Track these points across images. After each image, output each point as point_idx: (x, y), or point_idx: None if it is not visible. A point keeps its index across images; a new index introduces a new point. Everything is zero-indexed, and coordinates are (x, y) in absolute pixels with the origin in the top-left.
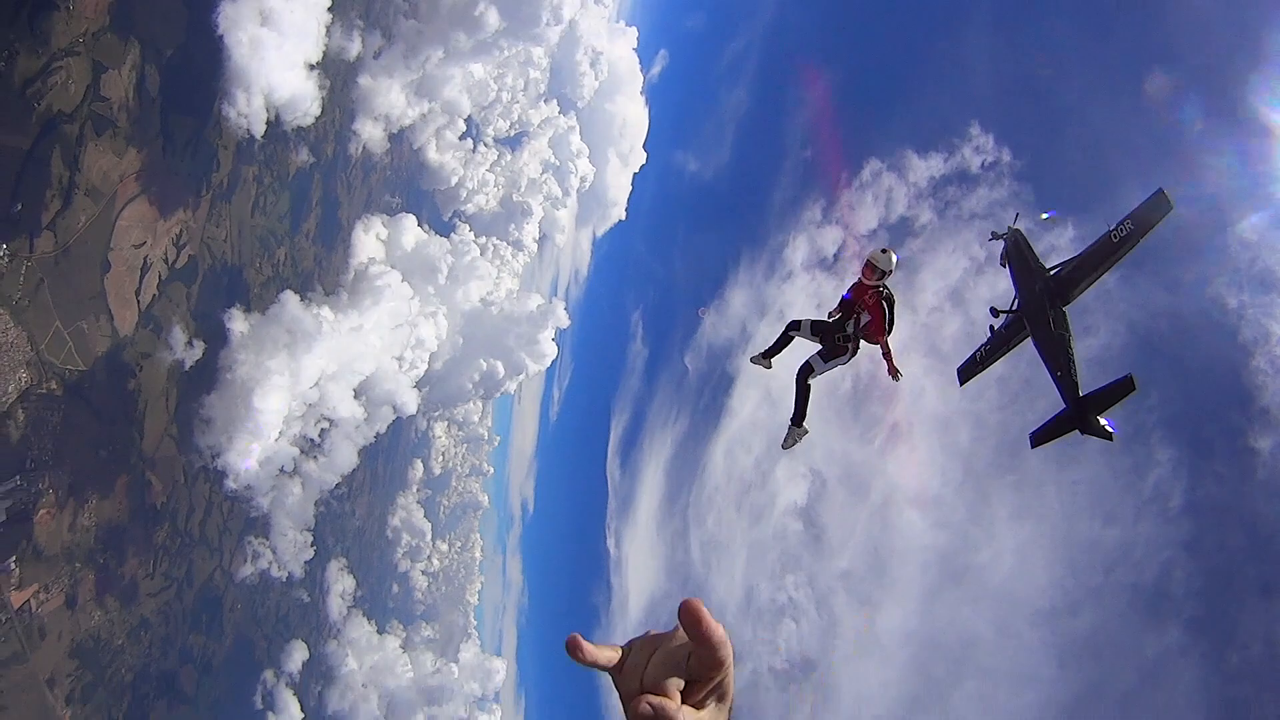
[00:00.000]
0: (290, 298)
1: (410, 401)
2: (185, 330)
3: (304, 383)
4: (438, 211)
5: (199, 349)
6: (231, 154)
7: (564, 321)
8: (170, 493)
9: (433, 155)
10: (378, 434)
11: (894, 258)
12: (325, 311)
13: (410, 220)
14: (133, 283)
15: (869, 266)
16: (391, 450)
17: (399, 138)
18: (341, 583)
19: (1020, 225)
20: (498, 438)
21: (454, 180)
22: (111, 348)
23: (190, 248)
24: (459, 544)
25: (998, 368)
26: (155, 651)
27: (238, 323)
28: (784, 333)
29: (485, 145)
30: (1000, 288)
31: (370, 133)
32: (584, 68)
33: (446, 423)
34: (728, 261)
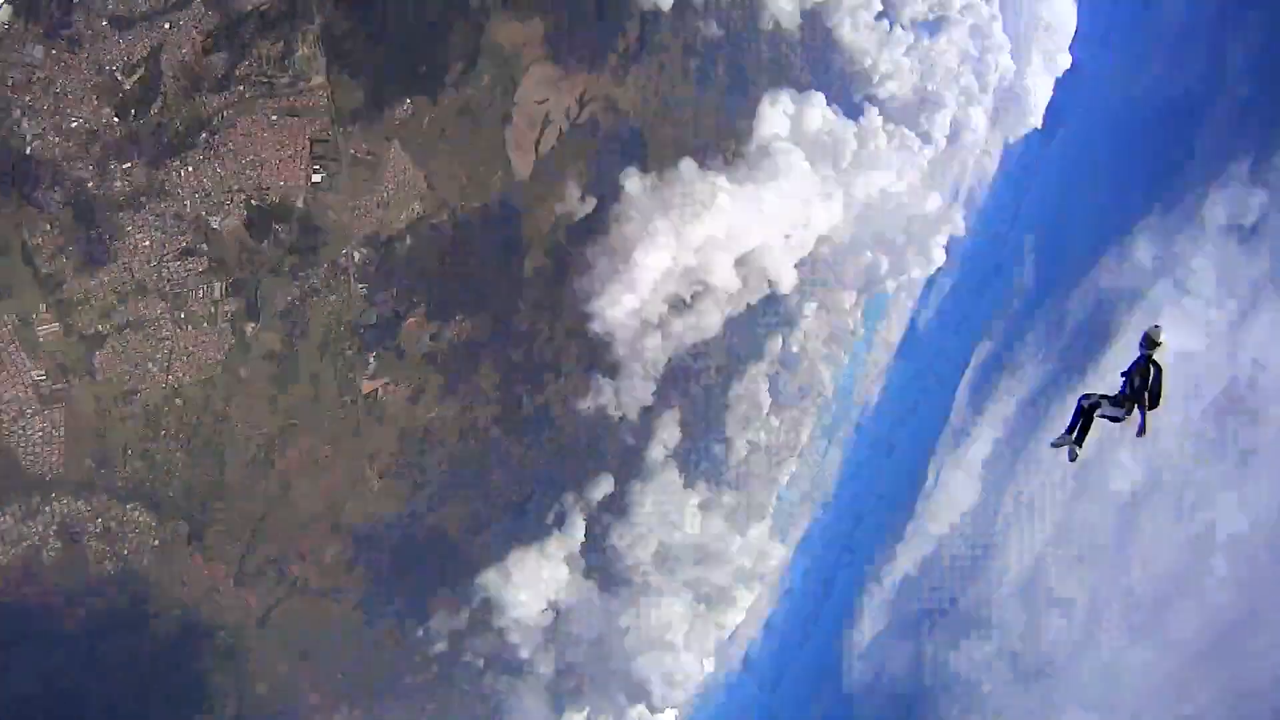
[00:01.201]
0: (688, 164)
1: (788, 280)
2: (580, 185)
3: (688, 246)
4: (848, 92)
5: (590, 204)
6: (638, 21)
7: (960, 229)
8: (534, 320)
9: (846, 34)
10: (749, 305)
11: (1163, 332)
12: (722, 180)
13: (819, 99)
14: (533, 134)
15: (1146, 339)
16: (756, 319)
17: (811, 14)
18: (668, 432)
19: None
20: (862, 331)
21: (867, 62)
22: (505, 189)
23: (593, 107)
24: (790, 424)
25: None
26: (476, 452)
27: (633, 182)
28: (1082, 414)
29: (902, 28)
30: None
31: (780, 7)
32: None
33: (817, 304)
34: (1139, 198)
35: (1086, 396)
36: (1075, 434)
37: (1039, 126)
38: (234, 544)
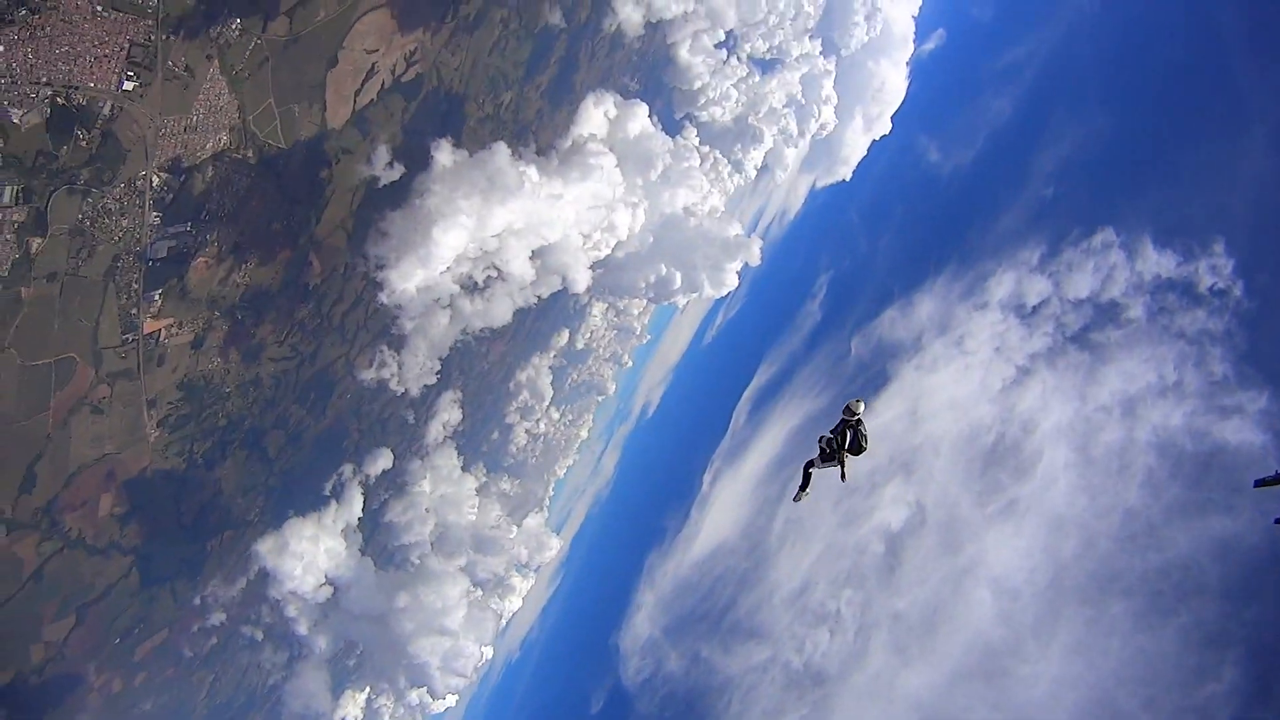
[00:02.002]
0: (501, 149)
1: (582, 280)
2: (390, 149)
3: (487, 230)
4: (671, 108)
5: (398, 171)
6: None
7: (756, 260)
8: (326, 279)
9: (684, 54)
10: (539, 298)
11: (863, 405)
12: (531, 171)
13: (642, 109)
14: (354, 83)
15: (846, 409)
16: (544, 311)
17: (655, 27)
18: (449, 413)
19: None
20: (648, 336)
21: (697, 84)
22: (316, 135)
23: (420, 66)
24: (570, 418)
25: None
26: (256, 409)
27: (444, 154)
28: (805, 472)
29: (738, 59)
30: None
31: (629, 14)
32: (858, 18)
33: (606, 305)
34: (930, 262)
35: (810, 463)
36: (805, 486)
37: (847, 179)
38: (5, 485)
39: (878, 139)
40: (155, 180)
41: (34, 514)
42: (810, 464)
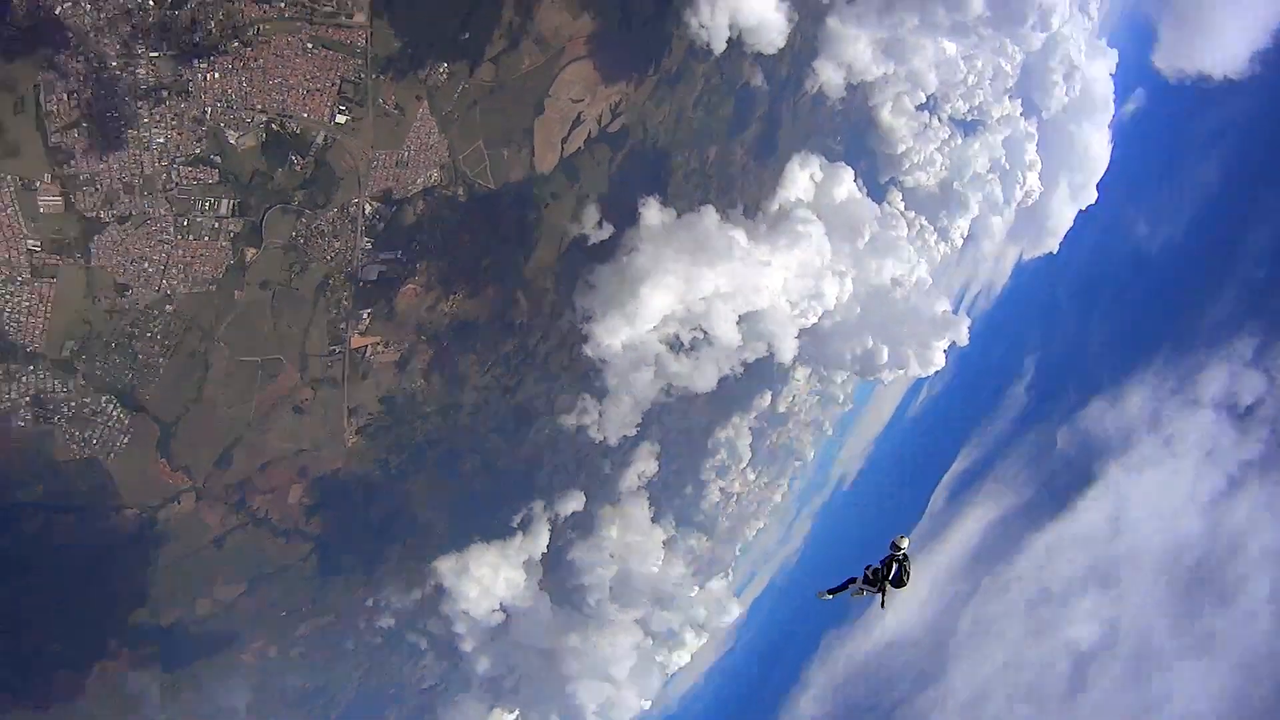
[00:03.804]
0: (709, 212)
1: (788, 349)
2: (599, 205)
3: (695, 292)
4: (875, 172)
5: (607, 231)
6: (685, 45)
7: (964, 341)
8: (532, 317)
9: (885, 116)
10: (744, 363)
11: (907, 541)
12: (739, 236)
13: (847, 173)
14: (561, 131)
15: (892, 544)
16: (748, 372)
17: (856, 89)
18: (645, 464)
19: None
20: (851, 404)
21: (900, 148)
22: (524, 179)
23: (626, 119)
24: (766, 481)
25: None
26: (454, 432)
27: (652, 212)
28: (844, 583)
29: (939, 121)
30: None
31: (829, 76)
32: (1056, 77)
33: (810, 369)
34: (1140, 349)
35: (852, 579)
36: (835, 592)
37: (1054, 252)
38: (203, 459)
39: (1084, 209)
40: (367, 208)
41: (225, 489)
42: (852, 580)
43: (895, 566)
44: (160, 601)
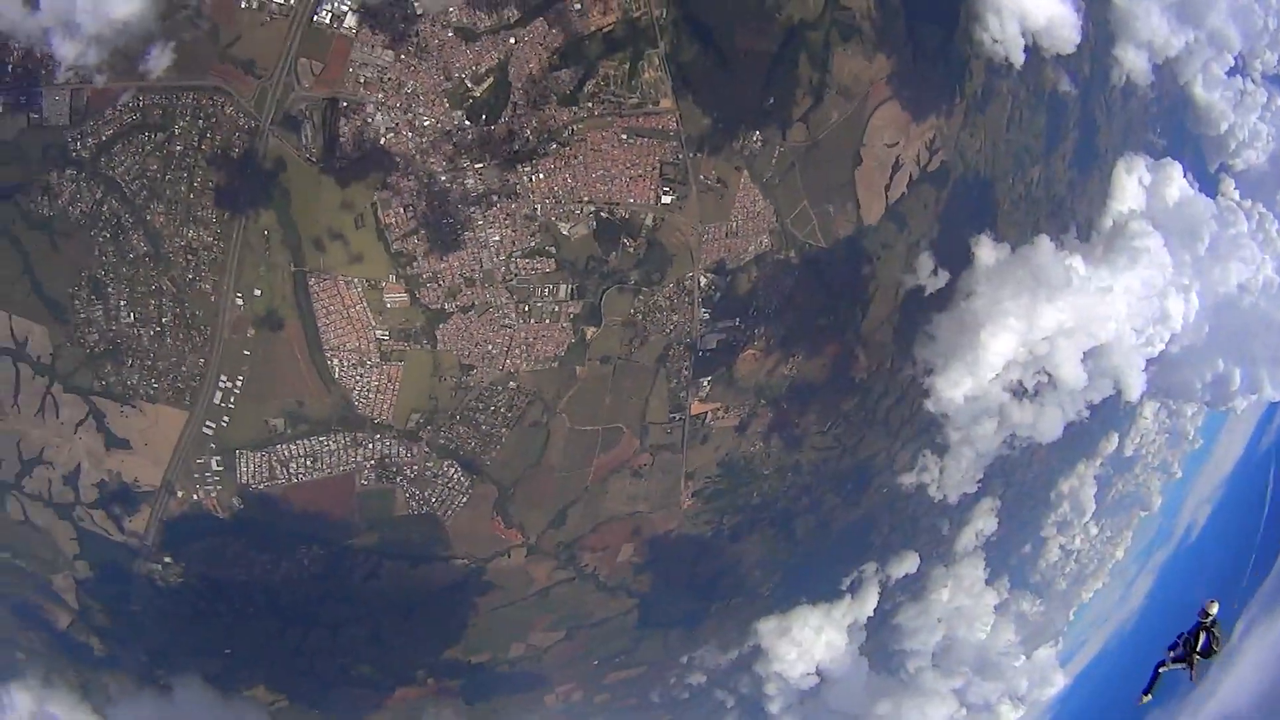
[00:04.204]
0: (1044, 242)
1: (1136, 384)
2: (931, 253)
3: (1037, 332)
4: (1203, 159)
5: (943, 279)
6: (983, 65)
7: None
8: (872, 373)
9: (1199, 92)
10: (1090, 405)
11: (1216, 606)
12: (1076, 262)
13: (1175, 170)
14: (883, 178)
15: (1202, 611)
16: (1094, 414)
17: (1163, 69)
18: (983, 521)
19: None
20: (1200, 441)
21: (1223, 126)
22: (853, 232)
23: (943, 153)
24: (1108, 535)
25: None
26: (790, 493)
27: (985, 250)
28: (1155, 671)
29: (1254, 83)
30: None
31: (1133, 61)
32: None
33: (1158, 404)
34: None
35: (1161, 662)
36: (1150, 689)
37: None
38: (537, 519)
39: None
40: (702, 280)
41: (556, 546)
42: (1161, 664)
43: (1205, 635)
44: (476, 642)
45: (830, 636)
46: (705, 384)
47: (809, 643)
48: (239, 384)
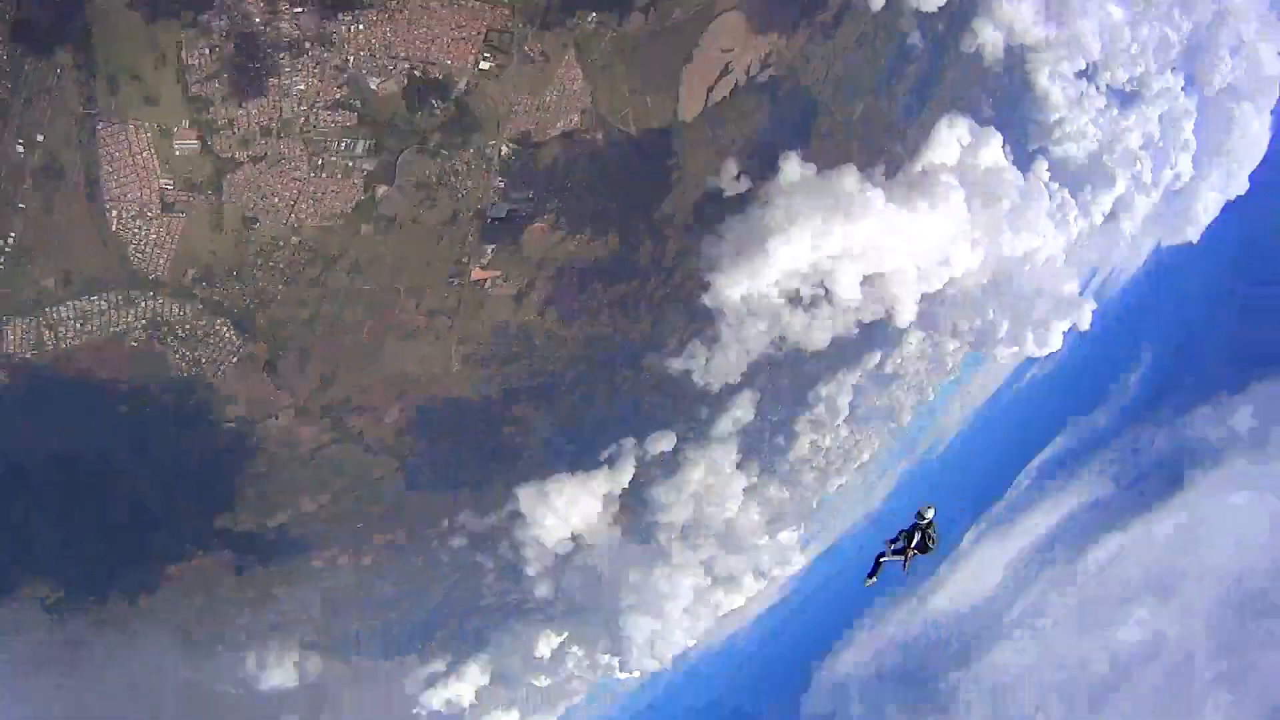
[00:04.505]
0: (850, 171)
1: (907, 314)
2: (738, 160)
3: (824, 251)
4: (1025, 139)
5: (744, 185)
6: (840, 3)
7: (1085, 326)
8: (655, 260)
9: (1042, 81)
10: (859, 324)
11: (933, 510)
12: (877, 196)
13: (996, 139)
14: (707, 80)
15: (918, 513)
16: (862, 332)
17: (1014, 52)
18: (742, 411)
19: None
20: (957, 374)
21: (1054, 116)
22: (666, 126)
23: (775, 69)
24: (857, 439)
25: None
26: (560, 363)
27: (791, 167)
28: (876, 560)
29: (1097, 90)
30: None
31: (989, 37)
32: (1221, 53)
33: (925, 335)
34: (1265, 364)
35: (881, 553)
36: (873, 574)
37: (1194, 242)
38: (306, 380)
39: (1232, 199)
40: (504, 150)
41: (324, 408)
42: (881, 554)
43: (919, 534)
44: (244, 509)
45: (586, 505)
46: (489, 251)
47: (565, 510)
48: (10, 241)
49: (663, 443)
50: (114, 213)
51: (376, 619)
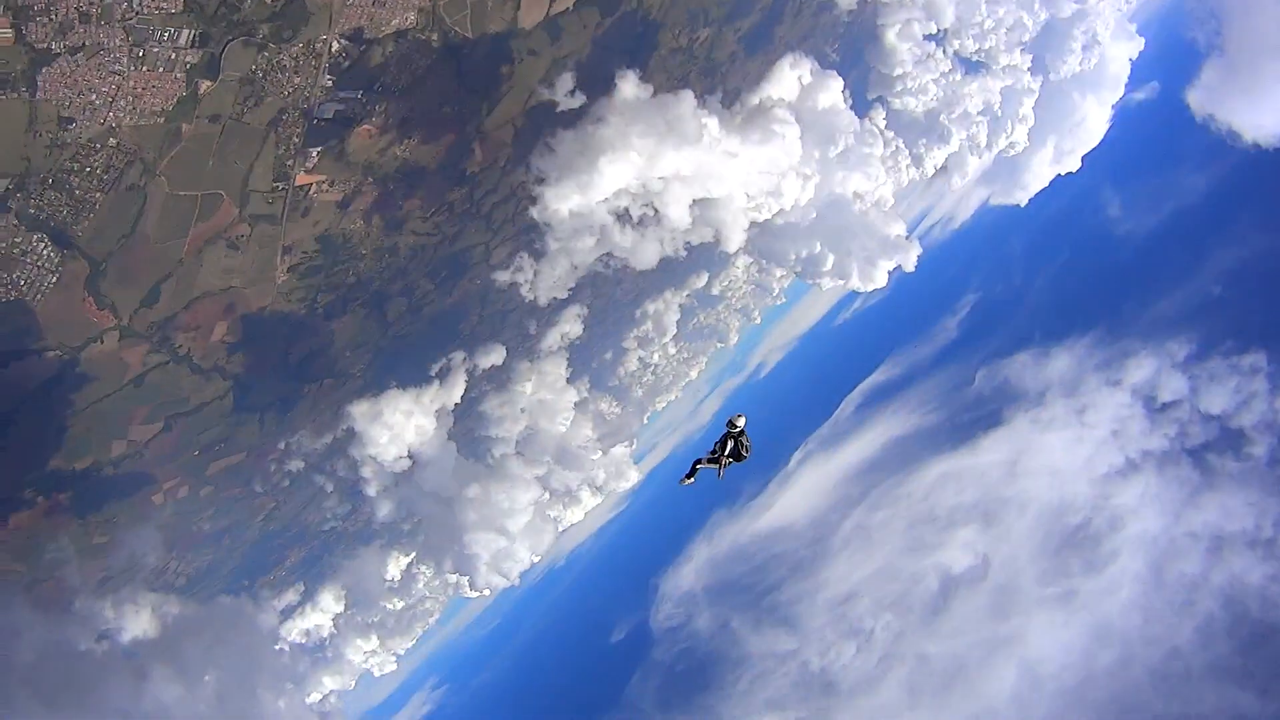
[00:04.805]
0: (687, 97)
1: (735, 240)
2: (575, 75)
3: (654, 171)
4: (865, 87)
5: (579, 100)
6: None
7: (910, 267)
8: (484, 169)
9: (890, 37)
10: (688, 246)
11: (744, 420)
12: (712, 124)
13: (837, 83)
14: None
15: (729, 422)
16: (691, 254)
17: (867, 5)
18: (570, 326)
19: None
20: (784, 299)
21: (897, 71)
22: (504, 31)
23: None
24: (685, 357)
25: None
26: (386, 275)
27: (628, 86)
28: (693, 466)
29: (944, 54)
30: None
31: None
32: (1075, 45)
33: (752, 260)
34: (1078, 319)
35: (699, 460)
36: (690, 476)
37: (1022, 205)
38: (129, 297)
39: (1063, 174)
40: (334, 45)
41: (149, 327)
42: (698, 460)
43: (732, 443)
44: (77, 445)
45: (419, 421)
46: (314, 154)
47: (399, 426)
48: None
49: (493, 356)
50: None
51: (223, 553)
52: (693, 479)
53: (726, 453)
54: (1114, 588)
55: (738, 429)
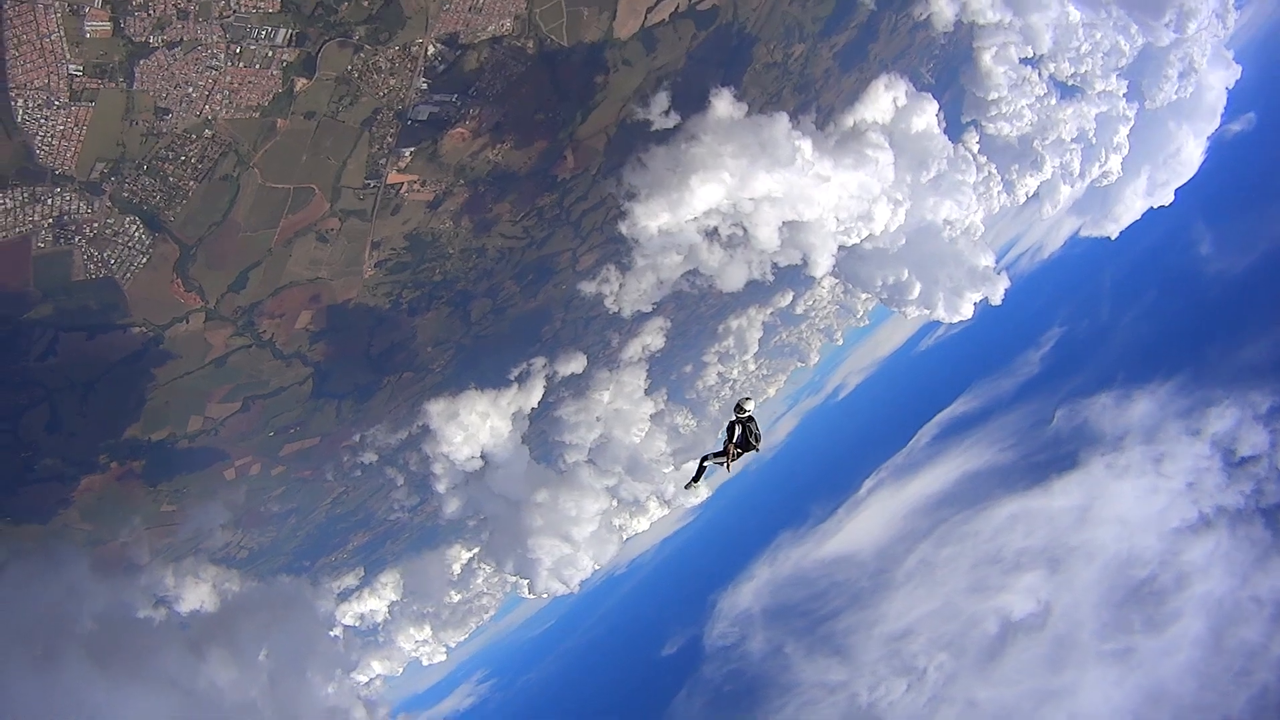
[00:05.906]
0: (781, 119)
1: (823, 264)
2: (670, 93)
3: (746, 192)
4: (958, 110)
5: (673, 121)
6: None
7: (997, 301)
8: (575, 176)
9: (986, 60)
10: (775, 268)
11: (753, 403)
12: (805, 146)
13: (931, 106)
14: (648, 1)
15: (737, 406)
16: (778, 276)
17: (964, 27)
18: (650, 338)
19: None
20: (867, 321)
21: (993, 94)
22: (599, 41)
23: None
24: (764, 374)
25: None
26: (472, 276)
27: (722, 104)
28: (700, 464)
29: (1039, 78)
30: None
31: (940, 7)
32: (1171, 72)
33: (837, 282)
34: (1163, 361)
35: (705, 457)
36: (697, 479)
37: (1112, 238)
38: (218, 281)
39: (1155, 207)
40: (430, 49)
41: (234, 311)
42: (705, 458)
43: (740, 429)
44: (155, 417)
45: (495, 423)
46: (407, 154)
47: (475, 427)
48: None
49: (573, 364)
50: (18, 101)
51: (287, 531)
52: (699, 481)
53: (735, 441)
54: (1173, 649)
55: (746, 413)
